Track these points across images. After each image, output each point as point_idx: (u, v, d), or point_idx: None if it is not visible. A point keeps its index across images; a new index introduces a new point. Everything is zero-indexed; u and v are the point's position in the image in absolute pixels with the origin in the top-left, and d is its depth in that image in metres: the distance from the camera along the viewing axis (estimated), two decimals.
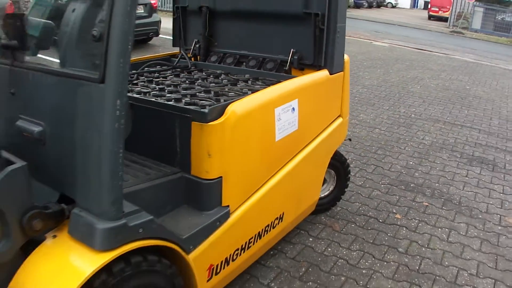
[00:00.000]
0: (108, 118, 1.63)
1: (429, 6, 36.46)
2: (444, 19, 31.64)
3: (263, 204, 2.66)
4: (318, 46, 3.18)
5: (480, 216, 4.17)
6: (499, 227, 4.01)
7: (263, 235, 2.79)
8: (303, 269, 3.13)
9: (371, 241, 3.59)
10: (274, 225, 2.91)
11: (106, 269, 1.75)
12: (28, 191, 1.78)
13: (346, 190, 4.02)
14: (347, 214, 3.98)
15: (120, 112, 1.63)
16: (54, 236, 1.87)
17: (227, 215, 2.39)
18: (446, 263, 3.38)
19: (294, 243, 3.44)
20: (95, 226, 1.74)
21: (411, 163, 5.34)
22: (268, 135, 2.61)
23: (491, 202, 4.49)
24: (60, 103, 1.86)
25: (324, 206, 3.87)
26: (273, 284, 2.95)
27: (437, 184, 4.79)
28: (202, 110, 2.22)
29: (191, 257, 2.15)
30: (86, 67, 1.80)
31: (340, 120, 3.60)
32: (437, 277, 3.19)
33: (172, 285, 2.07)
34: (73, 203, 1.89)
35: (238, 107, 2.30)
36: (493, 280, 3.22)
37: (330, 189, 3.89)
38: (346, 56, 3.41)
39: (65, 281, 1.70)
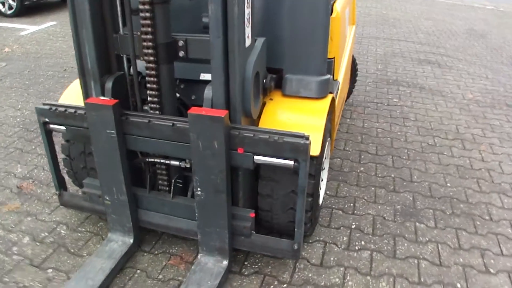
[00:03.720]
0: (325, 13, 2.37)
1: None
2: None
3: (343, 82, 3.49)
4: None
5: (449, 96, 5.33)
6: (465, 101, 5.20)
7: (341, 107, 3.64)
8: (359, 138, 4.04)
9: (389, 116, 4.58)
10: (345, 99, 3.76)
11: None
12: (265, 60, 2.38)
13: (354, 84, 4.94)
14: (359, 103, 4.93)
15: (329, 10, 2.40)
16: (271, 99, 2.52)
17: (338, 85, 3.20)
18: (446, 123, 4.49)
19: (341, 123, 4.34)
20: (313, 80, 2.43)
21: (379, 67, 6.37)
22: (344, 28, 3.40)
23: (450, 87, 5.67)
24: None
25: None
26: (347, 148, 3.84)
27: (407, 79, 5.87)
28: None
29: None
30: None
31: (354, 26, 4.46)
32: (445, 131, 4.27)
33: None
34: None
35: (338, 7, 3.05)
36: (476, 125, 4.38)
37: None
38: None
39: (313, 119, 2.35)
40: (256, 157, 2.07)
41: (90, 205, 2.58)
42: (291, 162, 2.03)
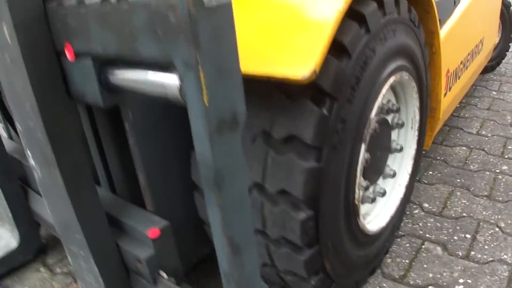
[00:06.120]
0: None
1: None
2: None
3: (469, 17, 1.81)
4: None
5: None
6: None
7: (473, 58, 1.98)
8: (508, 118, 2.28)
9: None
10: (479, 50, 2.08)
11: None
12: None
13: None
14: None
15: None
16: None
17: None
18: None
19: (479, 97, 2.60)
20: None
21: None
22: None
23: None
24: None
25: (491, 62, 2.95)
26: (484, 131, 2.14)
27: None
28: None
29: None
30: None
31: None
32: None
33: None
34: None
35: None
36: None
37: (496, 40, 2.95)
38: None
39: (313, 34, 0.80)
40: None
41: None
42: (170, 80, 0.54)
